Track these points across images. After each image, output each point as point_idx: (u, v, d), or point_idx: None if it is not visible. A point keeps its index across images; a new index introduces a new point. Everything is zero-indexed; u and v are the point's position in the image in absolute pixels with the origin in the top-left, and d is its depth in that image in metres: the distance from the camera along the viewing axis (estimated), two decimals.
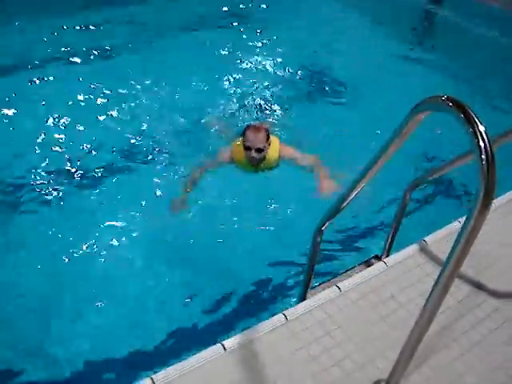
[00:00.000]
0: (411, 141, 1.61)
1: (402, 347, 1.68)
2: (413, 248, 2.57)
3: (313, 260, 2.32)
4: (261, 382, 1.88)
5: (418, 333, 1.60)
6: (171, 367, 1.91)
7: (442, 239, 2.62)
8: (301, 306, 2.19)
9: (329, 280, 2.62)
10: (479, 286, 2.41)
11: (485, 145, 1.25)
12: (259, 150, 3.83)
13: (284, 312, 2.14)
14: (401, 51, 6.84)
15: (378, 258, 2.86)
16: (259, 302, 3.09)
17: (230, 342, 2.00)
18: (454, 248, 1.37)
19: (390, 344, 2.05)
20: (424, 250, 2.56)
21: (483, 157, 1.25)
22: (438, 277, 1.44)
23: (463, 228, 1.32)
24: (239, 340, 2.02)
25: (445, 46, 7.35)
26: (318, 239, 2.25)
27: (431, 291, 1.49)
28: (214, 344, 2.00)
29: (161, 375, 1.88)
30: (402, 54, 6.77)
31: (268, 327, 2.07)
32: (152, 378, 1.87)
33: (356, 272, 2.57)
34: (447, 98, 1.36)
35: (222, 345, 1.99)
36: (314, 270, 2.36)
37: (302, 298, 2.41)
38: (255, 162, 3.92)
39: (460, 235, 1.34)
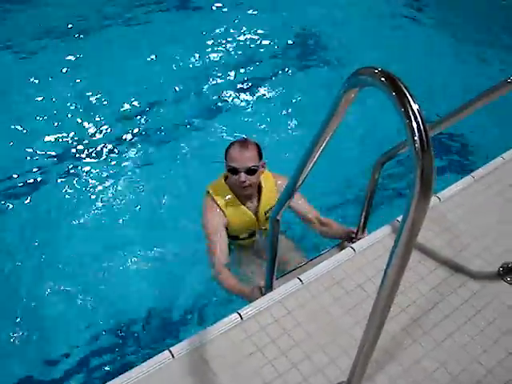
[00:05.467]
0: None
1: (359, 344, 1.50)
2: (384, 230, 2.37)
3: (274, 248, 2.13)
4: None
5: (374, 326, 1.40)
6: (115, 379, 1.74)
7: None
8: (258, 303, 2.00)
9: (295, 269, 2.44)
10: (456, 269, 2.21)
11: (418, 125, 1.05)
12: (250, 172, 2.74)
13: (239, 311, 1.96)
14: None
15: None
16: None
17: (179, 348, 1.83)
18: (395, 246, 1.19)
19: (354, 341, 1.87)
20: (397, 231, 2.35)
21: (416, 139, 1.04)
22: (384, 274, 1.25)
23: (402, 224, 1.13)
24: (188, 345, 1.84)
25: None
26: (277, 227, 2.05)
27: (378, 291, 1.30)
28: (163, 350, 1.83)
29: None
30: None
31: (220, 329, 1.90)
32: None
33: (328, 257, 2.38)
34: (381, 72, 1.15)
35: (170, 351, 1.82)
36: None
37: (269, 287, 2.23)
38: (247, 191, 2.84)
39: (400, 233, 1.15)
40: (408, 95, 1.08)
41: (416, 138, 1.04)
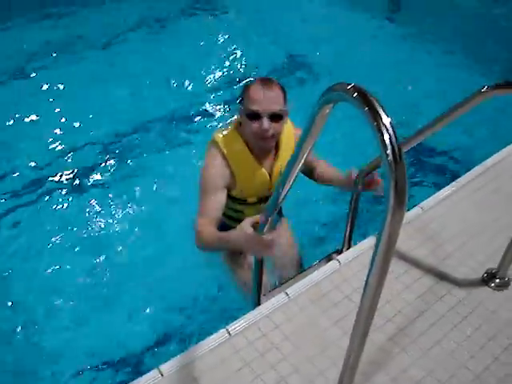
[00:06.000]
0: None
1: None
2: (369, 241, 2.40)
3: (260, 264, 2.15)
4: None
5: (359, 335, 1.43)
6: None
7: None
8: (245, 319, 2.01)
9: (283, 283, 2.45)
10: (441, 277, 2.24)
11: (390, 138, 1.08)
12: (275, 117, 2.25)
13: (227, 327, 1.97)
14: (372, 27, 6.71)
15: (339, 252, 2.71)
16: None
17: (168, 366, 1.84)
18: (374, 257, 1.22)
19: (342, 352, 1.87)
20: None
21: (388, 152, 1.07)
22: (365, 284, 1.29)
23: (380, 235, 1.16)
24: (177, 363, 1.85)
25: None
26: None
27: (361, 301, 1.34)
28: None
29: None
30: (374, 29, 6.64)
31: (209, 346, 1.90)
32: None
33: (315, 270, 2.40)
34: (353, 88, 1.18)
35: (159, 370, 1.82)
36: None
37: (257, 304, 2.24)
38: (268, 143, 2.37)
39: (378, 243, 1.18)
40: (379, 109, 1.11)
41: (388, 151, 1.07)
